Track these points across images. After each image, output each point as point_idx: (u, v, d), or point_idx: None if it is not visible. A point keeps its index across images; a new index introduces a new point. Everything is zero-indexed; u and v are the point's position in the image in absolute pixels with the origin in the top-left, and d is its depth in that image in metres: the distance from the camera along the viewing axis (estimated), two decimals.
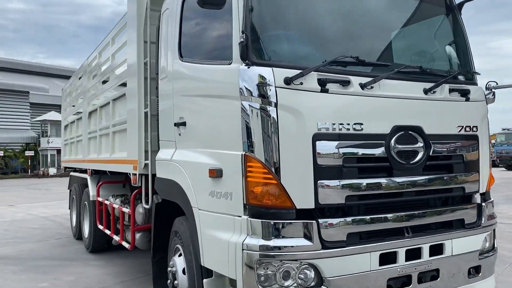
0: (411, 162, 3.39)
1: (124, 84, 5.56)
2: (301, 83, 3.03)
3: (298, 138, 3.03)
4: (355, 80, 3.23)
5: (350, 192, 3.12)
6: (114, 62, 6.22)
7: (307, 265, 2.98)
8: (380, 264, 3.19)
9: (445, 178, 3.55)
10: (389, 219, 3.27)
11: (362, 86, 3.24)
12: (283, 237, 2.97)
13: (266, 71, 3.03)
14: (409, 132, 3.40)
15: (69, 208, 10.09)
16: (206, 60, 3.59)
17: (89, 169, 7.68)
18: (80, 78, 8.92)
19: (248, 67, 3.08)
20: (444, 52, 4.13)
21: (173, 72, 4.09)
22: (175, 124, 3.99)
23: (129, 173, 5.33)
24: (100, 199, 7.00)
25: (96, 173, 7.55)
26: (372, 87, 3.27)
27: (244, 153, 3.08)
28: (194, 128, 3.73)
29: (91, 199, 7.50)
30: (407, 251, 3.30)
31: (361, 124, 3.20)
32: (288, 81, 3.01)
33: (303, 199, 3.01)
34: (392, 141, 3.32)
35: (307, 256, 2.96)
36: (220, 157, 3.33)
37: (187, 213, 3.77)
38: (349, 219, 3.12)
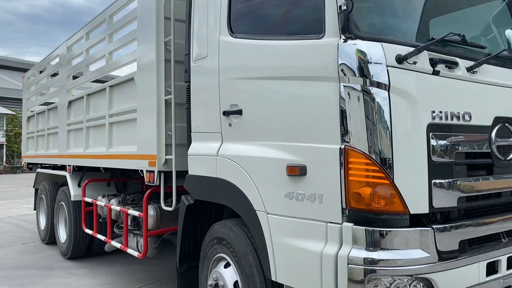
0: (507, 158, 3.00)
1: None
2: (415, 63, 2.53)
3: (411, 129, 2.53)
4: (462, 63, 2.78)
5: (462, 193, 2.67)
6: (112, 44, 5.43)
7: (418, 280, 2.50)
8: (486, 275, 2.77)
9: None
10: (496, 222, 2.86)
11: (468, 69, 2.80)
12: (395, 248, 2.46)
13: (375, 47, 2.51)
14: (508, 124, 3.01)
15: (34, 209, 9.04)
16: (276, 36, 3.00)
17: (69, 166, 6.78)
18: (53, 64, 7.94)
19: (350, 42, 2.54)
20: None
21: (218, 52, 3.46)
22: (225, 113, 3.37)
23: (142, 170, 4.61)
24: (87, 199, 6.16)
25: (78, 170, 6.68)
26: (475, 72, 2.84)
27: (343, 146, 2.54)
28: (256, 117, 3.13)
29: (72, 199, 6.63)
30: (508, 258, 2.91)
31: (470, 114, 2.76)
32: (401, 59, 2.50)
33: (417, 202, 2.52)
34: (493, 134, 2.91)
35: (424, 270, 2.47)
36: (303, 151, 2.76)
37: (245, 217, 3.17)
38: (463, 224, 2.67)
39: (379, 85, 2.48)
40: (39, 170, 8.79)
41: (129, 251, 4.90)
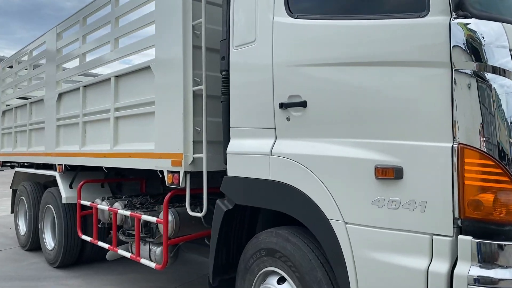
0: None
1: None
2: None
3: None
4: None
5: None
6: (119, 29, 4.86)
7: None
8: None
9: None
10: None
11: None
12: None
13: (497, 28, 2.12)
14: None
15: (12, 212, 8.27)
16: (355, 14, 2.57)
17: (59, 165, 6.12)
18: (37, 53, 7.22)
19: (465, 21, 2.14)
20: None
21: (272, 35, 3.00)
22: (282, 106, 2.91)
23: (161, 171, 4.08)
24: (84, 202, 5.54)
25: (70, 170, 6.04)
26: None
27: (456, 144, 2.15)
28: (327, 109, 2.68)
29: (64, 202, 5.99)
30: None
31: None
32: None
33: None
34: None
35: None
36: (398, 150, 2.35)
37: (313, 227, 2.72)
38: None
39: (503, 72, 2.09)
40: (18, 169, 8.03)
41: (143, 261, 4.36)
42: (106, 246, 4.99)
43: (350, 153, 2.53)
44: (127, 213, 4.58)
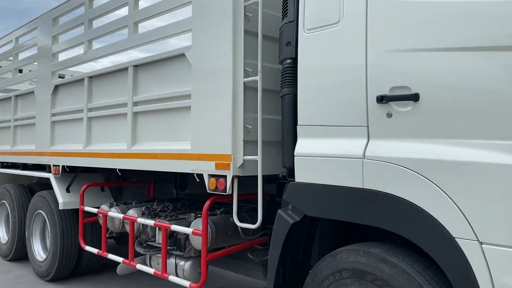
0: None
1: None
2: None
3: None
4: None
5: None
6: (139, 13, 4.25)
7: None
8: None
9: None
10: None
11: None
12: None
13: None
14: None
15: None
16: None
17: (55, 166, 5.42)
18: (25, 40, 6.46)
19: None
20: None
21: (366, 14, 2.51)
22: (382, 99, 2.43)
23: (199, 175, 3.53)
24: (90, 209, 4.88)
25: (69, 171, 5.35)
26: None
27: None
28: (449, 104, 2.21)
29: (61, 207, 5.30)
30: None
31: None
32: None
33: None
34: None
35: None
36: None
37: (430, 247, 2.25)
38: None
39: None
40: None
41: (173, 279, 3.76)
42: (119, 259, 4.36)
43: (483, 157, 2.08)
44: (151, 222, 3.98)
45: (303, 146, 2.85)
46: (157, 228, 4.11)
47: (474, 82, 2.13)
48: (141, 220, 4.11)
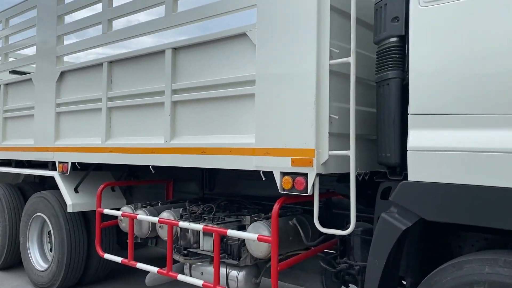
0: None
1: None
2: None
3: None
4: None
5: None
6: None
7: None
8: None
9: None
10: None
11: None
12: None
13: None
14: None
15: None
16: None
17: (62, 163, 4.79)
18: (21, 20, 5.74)
19: None
20: None
21: None
22: None
23: (267, 172, 3.06)
24: (111, 211, 4.30)
25: (80, 169, 4.74)
26: None
27: None
28: None
29: (70, 210, 4.69)
30: None
31: None
32: None
33: None
34: None
35: None
36: None
37: None
38: None
39: None
40: None
41: None
42: (154, 269, 3.80)
43: None
44: (198, 226, 3.46)
45: (420, 139, 2.44)
46: (201, 233, 3.61)
47: None
48: (184, 224, 3.58)
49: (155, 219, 3.82)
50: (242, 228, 3.48)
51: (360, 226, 3.14)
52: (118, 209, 4.32)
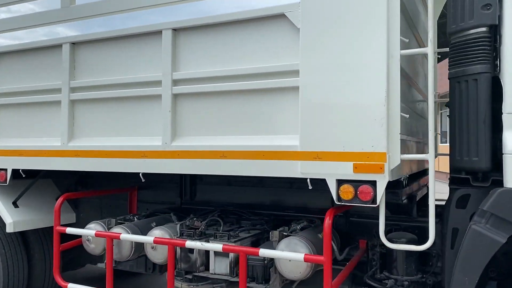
0: None
1: None
2: None
3: None
4: None
5: None
6: None
7: None
8: None
9: None
10: None
11: None
12: None
13: None
14: None
15: None
16: None
17: (1, 171, 3.78)
18: None
19: None
20: None
21: None
22: None
23: (318, 181, 2.59)
24: (77, 231, 3.45)
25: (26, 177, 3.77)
26: None
27: None
28: None
29: (11, 230, 3.72)
30: None
31: None
32: None
33: None
34: None
35: None
36: None
37: None
38: None
39: None
40: None
41: None
42: None
43: None
44: (218, 246, 2.84)
45: None
46: (212, 253, 3.00)
47: None
48: (194, 244, 2.93)
49: (149, 239, 3.09)
50: (268, 245, 2.96)
51: (402, 237, 2.84)
52: (70, 226, 3.50)
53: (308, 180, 2.61)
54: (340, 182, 2.51)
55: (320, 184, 2.68)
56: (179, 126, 3.03)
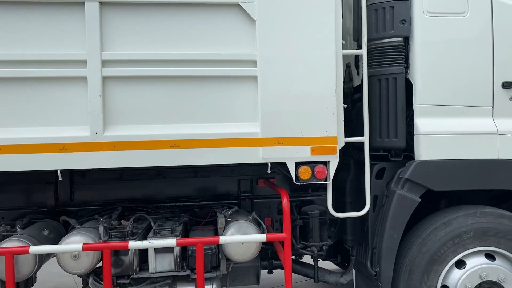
0: None
1: None
2: None
3: None
4: None
5: None
6: None
7: None
8: None
9: None
10: None
11: None
12: None
13: None
14: None
15: None
16: None
17: None
18: None
19: None
20: None
21: (492, 12, 2.98)
22: (504, 85, 2.99)
23: (274, 164, 2.79)
24: None
25: None
26: None
27: None
28: None
29: None
30: None
31: None
32: None
33: None
34: None
35: None
36: None
37: None
38: None
39: None
40: None
41: None
42: None
43: None
44: (171, 242, 2.66)
45: (427, 125, 2.95)
46: (152, 251, 2.79)
47: None
48: (140, 244, 2.67)
49: (76, 246, 2.61)
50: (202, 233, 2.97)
51: (315, 209, 3.33)
52: None
53: (269, 164, 2.78)
54: (298, 164, 2.80)
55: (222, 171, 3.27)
56: (119, 113, 2.67)
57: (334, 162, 2.82)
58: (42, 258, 2.81)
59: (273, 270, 3.64)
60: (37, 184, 3.37)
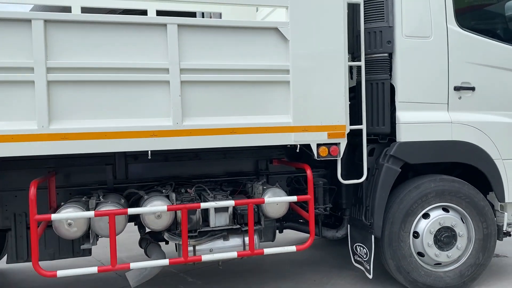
0: None
1: None
2: None
3: None
4: None
5: None
6: None
7: None
8: None
9: None
10: None
11: None
12: None
13: None
14: None
15: None
16: (498, 39, 4.39)
17: None
18: None
19: None
20: None
21: (447, 37, 4.19)
22: (455, 88, 4.24)
23: (308, 145, 3.83)
24: (64, 215, 3.35)
25: None
26: None
27: None
28: (487, 93, 4.32)
29: None
30: None
31: None
32: None
33: None
34: None
35: None
36: None
37: (481, 165, 4.29)
38: None
39: None
40: None
41: (272, 250, 3.77)
42: (165, 262, 3.47)
43: (503, 119, 4.39)
44: (230, 202, 3.64)
45: (405, 116, 4.12)
46: (213, 210, 3.75)
47: (500, 84, 4.37)
48: (209, 204, 3.63)
49: (162, 208, 3.51)
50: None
51: (319, 181, 4.42)
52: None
53: (298, 146, 3.82)
54: (318, 145, 3.86)
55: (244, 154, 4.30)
56: (190, 108, 3.57)
57: (343, 143, 3.91)
58: (127, 220, 3.65)
59: (283, 230, 4.70)
60: (98, 166, 4.17)
